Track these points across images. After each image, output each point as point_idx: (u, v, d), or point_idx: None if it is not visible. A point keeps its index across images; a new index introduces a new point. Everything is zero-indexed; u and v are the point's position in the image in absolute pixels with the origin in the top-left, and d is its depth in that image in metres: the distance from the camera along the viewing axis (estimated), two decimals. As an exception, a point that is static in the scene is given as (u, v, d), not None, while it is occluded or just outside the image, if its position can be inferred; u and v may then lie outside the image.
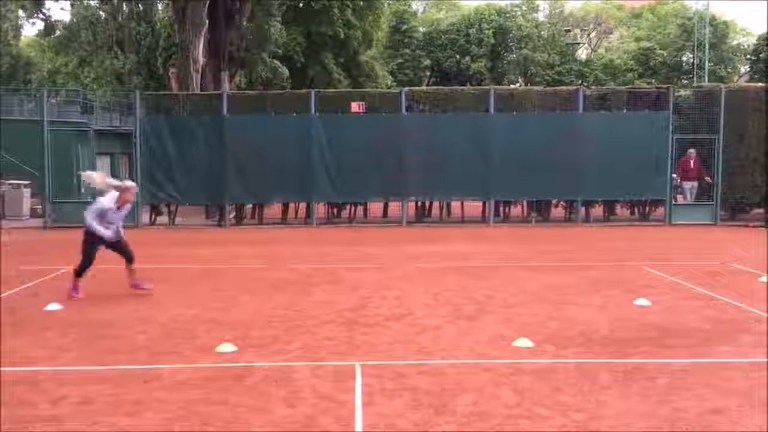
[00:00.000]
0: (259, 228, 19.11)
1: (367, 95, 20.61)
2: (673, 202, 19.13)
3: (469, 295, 9.45)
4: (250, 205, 20.25)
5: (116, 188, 9.42)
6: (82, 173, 10.32)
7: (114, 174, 27.78)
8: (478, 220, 19.55)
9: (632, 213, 20.52)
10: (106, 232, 9.25)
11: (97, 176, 9.72)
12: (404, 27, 50.09)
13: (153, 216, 19.70)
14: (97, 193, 10.00)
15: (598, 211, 20.08)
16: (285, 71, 34.69)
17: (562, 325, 7.77)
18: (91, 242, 9.35)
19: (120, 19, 41.42)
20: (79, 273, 9.41)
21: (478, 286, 10.16)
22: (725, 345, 7.04)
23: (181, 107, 19.44)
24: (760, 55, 43.44)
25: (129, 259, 9.57)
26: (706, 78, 44.85)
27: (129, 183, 9.74)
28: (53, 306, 8.75)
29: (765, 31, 43.91)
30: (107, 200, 9.28)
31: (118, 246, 9.54)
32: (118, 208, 9.34)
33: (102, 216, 9.26)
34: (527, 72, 51.47)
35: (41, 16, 41.97)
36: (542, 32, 52.89)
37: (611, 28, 59.75)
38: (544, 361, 6.48)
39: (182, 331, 7.58)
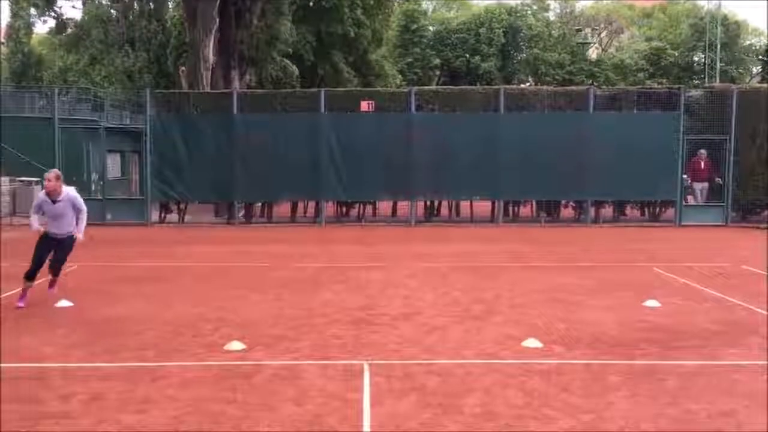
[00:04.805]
0: (267, 226, 19.14)
1: (376, 94, 20.61)
2: (684, 203, 19.03)
3: (477, 295, 9.44)
4: (260, 204, 20.29)
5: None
6: None
7: (124, 171, 27.95)
8: (487, 220, 19.50)
9: (642, 214, 20.43)
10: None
11: None
12: (414, 26, 50.02)
13: (162, 214, 19.79)
14: None
15: (607, 211, 19.99)
16: (295, 70, 34.70)
17: (570, 326, 7.75)
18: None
19: (131, 17, 41.52)
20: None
21: (487, 286, 10.14)
22: (735, 347, 7.00)
23: (192, 105, 19.49)
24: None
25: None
26: (718, 78, 44.56)
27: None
28: (63, 303, 8.79)
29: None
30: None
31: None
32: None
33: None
34: (537, 71, 51.31)
35: (53, 14, 42.13)
36: (553, 31, 52.73)
37: (622, 28, 59.51)
38: (553, 362, 6.46)
39: (191, 329, 7.60)
